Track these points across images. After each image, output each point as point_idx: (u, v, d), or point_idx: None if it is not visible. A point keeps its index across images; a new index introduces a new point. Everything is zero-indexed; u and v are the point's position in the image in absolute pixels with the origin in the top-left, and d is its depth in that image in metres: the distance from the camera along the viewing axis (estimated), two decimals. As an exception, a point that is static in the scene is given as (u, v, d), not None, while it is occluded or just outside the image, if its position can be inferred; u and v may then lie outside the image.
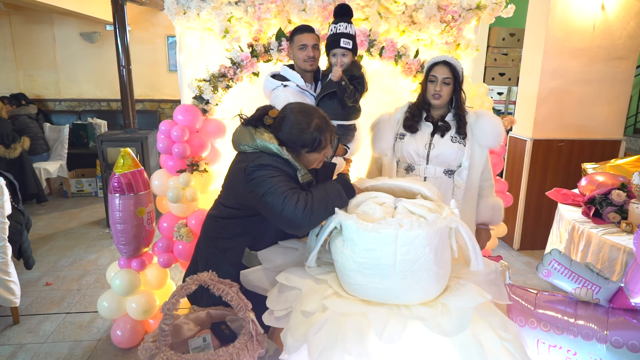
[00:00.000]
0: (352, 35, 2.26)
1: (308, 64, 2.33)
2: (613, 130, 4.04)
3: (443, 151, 2.08)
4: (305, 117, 1.71)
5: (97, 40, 6.60)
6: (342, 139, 2.40)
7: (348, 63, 2.27)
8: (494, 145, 2.13)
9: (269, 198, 1.56)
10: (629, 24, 3.76)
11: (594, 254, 2.43)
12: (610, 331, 1.36)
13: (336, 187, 1.61)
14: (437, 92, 2.06)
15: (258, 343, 1.51)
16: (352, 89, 2.25)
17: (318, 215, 1.51)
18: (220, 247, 1.79)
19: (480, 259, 1.43)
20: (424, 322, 1.27)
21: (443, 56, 2.14)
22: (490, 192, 2.23)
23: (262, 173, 1.61)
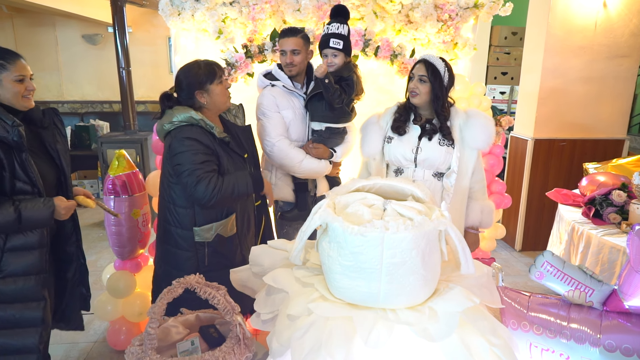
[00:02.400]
0: (343, 35, 2.23)
1: (287, 69, 2.34)
2: (616, 129, 3.98)
3: (431, 155, 2.02)
4: (189, 63, 2.02)
5: (99, 42, 6.63)
6: (329, 142, 2.40)
7: (339, 64, 2.25)
8: (484, 147, 2.06)
9: (185, 178, 1.86)
10: (632, 21, 3.71)
11: (593, 256, 2.39)
12: (603, 335, 1.33)
13: (246, 179, 1.97)
14: (412, 90, 2.02)
15: (245, 346, 1.49)
16: (337, 88, 2.22)
17: (223, 199, 1.89)
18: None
19: (470, 262, 1.40)
20: (410, 327, 1.25)
21: (425, 55, 2.09)
22: (481, 195, 2.15)
23: (183, 149, 1.88)
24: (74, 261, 2.07)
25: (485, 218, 2.14)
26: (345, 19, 2.30)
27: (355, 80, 2.28)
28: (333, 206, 1.48)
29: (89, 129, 6.18)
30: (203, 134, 1.92)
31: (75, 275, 2.07)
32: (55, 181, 1.91)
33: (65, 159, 1.94)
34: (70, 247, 2.04)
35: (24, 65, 1.78)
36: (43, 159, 1.87)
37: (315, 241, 1.52)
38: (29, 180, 1.72)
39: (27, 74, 1.78)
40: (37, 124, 1.89)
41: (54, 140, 1.92)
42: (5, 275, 1.72)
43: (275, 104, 2.37)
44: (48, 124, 1.92)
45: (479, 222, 2.14)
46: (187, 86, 1.99)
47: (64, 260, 2.05)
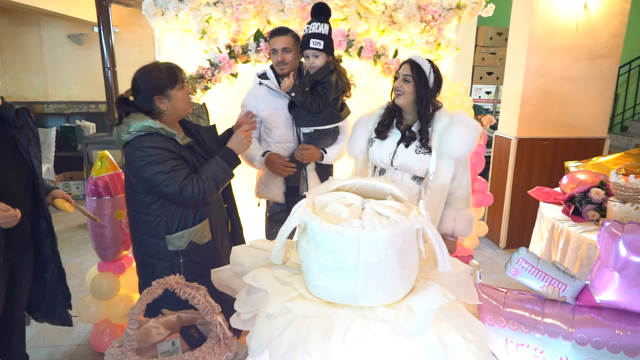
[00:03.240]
0: (324, 35, 2.20)
1: (279, 68, 2.31)
2: (597, 128, 4.05)
3: (406, 161, 2.01)
4: (148, 65, 1.88)
5: (85, 42, 6.58)
6: (319, 143, 2.37)
7: (321, 64, 2.23)
8: (461, 157, 1.99)
9: (166, 189, 1.78)
10: (612, 22, 3.78)
11: (572, 252, 2.43)
12: (575, 329, 1.36)
13: (221, 165, 1.89)
14: (397, 89, 1.99)
15: (226, 346, 1.50)
16: (307, 98, 2.19)
17: (211, 194, 1.85)
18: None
19: (447, 260, 1.42)
20: (387, 324, 1.26)
21: (412, 55, 2.09)
22: (459, 203, 2.06)
23: (148, 160, 1.77)
24: (50, 262, 2.06)
25: (459, 226, 2.05)
26: (326, 17, 2.26)
27: (333, 81, 2.23)
28: (312, 205, 1.49)
29: (74, 130, 6.13)
30: (166, 140, 1.82)
31: (53, 275, 2.07)
32: (26, 183, 1.89)
33: (37, 159, 1.93)
34: (45, 248, 2.03)
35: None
36: (13, 159, 1.85)
37: (296, 240, 1.54)
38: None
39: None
40: (10, 123, 1.87)
41: (26, 141, 1.90)
42: None
43: (255, 107, 2.37)
44: (21, 124, 1.90)
45: (452, 230, 2.06)
46: (145, 90, 1.84)
47: (40, 261, 2.04)
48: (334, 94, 2.27)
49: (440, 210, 2.06)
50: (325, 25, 2.22)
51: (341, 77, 2.30)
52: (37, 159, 1.93)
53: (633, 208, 2.34)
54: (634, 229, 1.31)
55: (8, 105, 1.89)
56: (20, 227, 1.81)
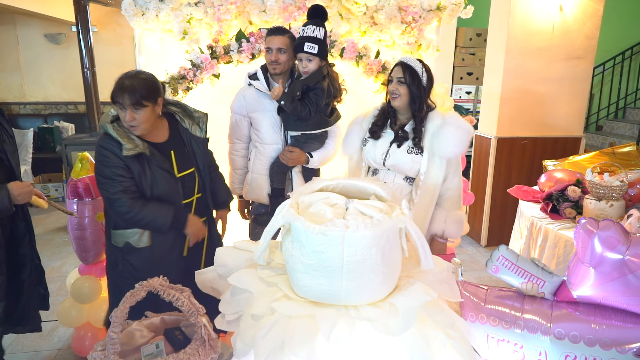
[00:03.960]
0: (318, 39, 2.17)
1: (272, 67, 2.28)
2: (573, 128, 4.15)
3: (398, 162, 2.04)
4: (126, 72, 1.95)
5: (63, 41, 6.45)
6: (305, 147, 2.35)
7: (314, 69, 2.20)
8: (452, 157, 2.02)
9: (101, 192, 1.86)
10: (586, 24, 3.88)
11: (550, 249, 2.49)
12: (553, 324, 1.40)
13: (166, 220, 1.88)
14: (393, 92, 2.02)
15: (211, 348, 1.50)
16: (297, 106, 2.18)
17: (138, 225, 1.88)
18: None
19: (430, 258, 1.45)
20: (371, 323, 1.28)
21: (403, 58, 2.11)
22: (450, 204, 2.09)
23: (97, 158, 1.86)
24: (28, 262, 2.03)
25: (449, 228, 2.07)
26: (322, 20, 2.23)
27: (324, 87, 2.20)
28: (296, 206, 1.50)
29: (52, 131, 6.01)
30: (114, 146, 1.83)
31: (31, 275, 2.04)
32: (5, 182, 1.86)
33: (14, 159, 1.91)
34: (23, 248, 2.01)
35: None
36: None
37: (280, 241, 1.54)
38: None
39: None
40: None
41: (0, 140, 1.88)
42: None
43: (244, 107, 2.36)
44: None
45: (442, 231, 2.09)
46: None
47: (18, 261, 2.01)
48: (325, 99, 2.24)
49: (431, 211, 2.08)
50: (321, 29, 2.18)
51: (333, 82, 2.27)
52: (14, 158, 1.91)
53: (608, 205, 2.41)
54: (608, 226, 1.36)
55: None
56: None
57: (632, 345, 1.30)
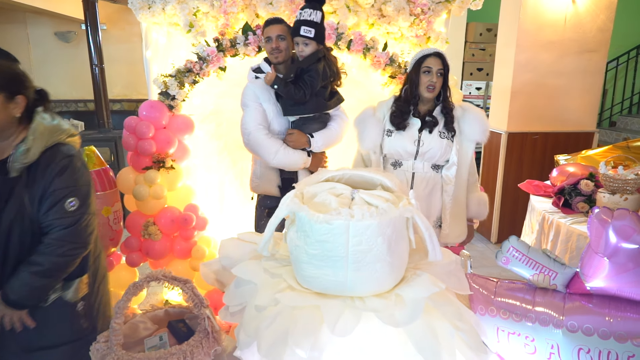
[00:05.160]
0: (315, 22, 2.15)
1: (273, 56, 2.27)
2: (586, 123, 4.07)
3: (432, 147, 2.08)
4: None
5: (73, 39, 6.50)
6: (304, 129, 2.30)
7: (310, 53, 2.18)
8: (482, 140, 2.14)
9: None
10: (599, 17, 3.80)
11: (562, 244, 2.44)
12: (566, 316, 1.36)
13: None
14: (432, 84, 2.05)
15: (214, 340, 1.48)
16: (290, 89, 2.15)
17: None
18: None
19: (438, 250, 1.41)
20: (376, 314, 1.25)
21: (432, 48, 2.14)
22: (476, 187, 2.24)
23: None
24: None
25: (482, 209, 2.23)
26: (319, 4, 2.20)
27: (319, 69, 2.18)
28: (301, 196, 1.47)
29: (62, 129, 6.05)
30: None
31: None
32: None
33: None
34: None
35: None
36: None
37: (284, 232, 1.52)
38: None
39: None
40: None
41: None
42: None
43: (256, 95, 2.33)
44: None
45: (476, 213, 2.22)
46: None
47: None
48: (321, 82, 2.21)
49: (466, 196, 2.18)
50: (318, 13, 2.16)
51: (330, 65, 2.25)
52: None
53: (622, 199, 2.35)
54: (623, 215, 1.31)
55: None
56: None
57: (648, 338, 1.25)
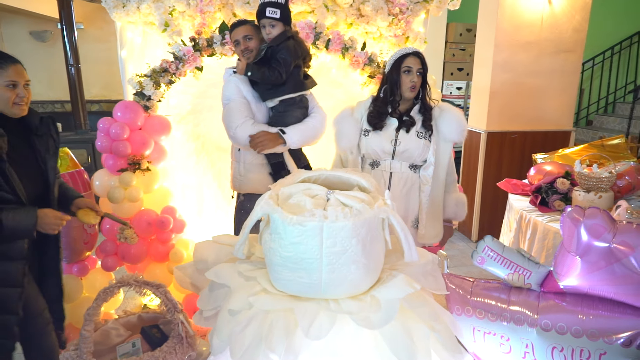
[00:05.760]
0: (280, 3, 2.13)
1: (245, 57, 2.24)
2: (563, 121, 4.14)
3: (409, 147, 2.07)
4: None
5: (49, 39, 6.35)
6: (287, 117, 2.25)
7: (277, 34, 2.15)
8: (459, 140, 2.14)
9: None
10: (575, 17, 3.86)
11: (539, 242, 2.46)
12: (540, 315, 1.37)
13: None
14: (413, 84, 2.05)
15: (188, 345, 1.45)
16: (264, 71, 2.12)
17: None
18: None
19: (413, 250, 1.41)
20: (351, 316, 1.24)
21: (411, 48, 2.14)
22: (454, 187, 2.23)
23: None
24: (50, 277, 1.92)
25: (460, 210, 2.21)
26: None
27: (290, 46, 2.14)
28: (276, 197, 1.45)
29: (38, 130, 5.91)
30: None
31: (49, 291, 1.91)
32: (39, 193, 1.81)
33: (52, 170, 1.85)
34: (49, 261, 1.91)
35: (18, 70, 1.70)
36: (29, 168, 1.79)
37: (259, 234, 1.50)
38: (10, 190, 1.64)
39: (20, 80, 1.70)
40: (32, 130, 1.81)
41: (45, 149, 1.83)
42: None
43: (239, 89, 2.28)
44: (43, 132, 1.84)
45: (454, 214, 2.21)
46: None
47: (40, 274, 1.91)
48: (293, 60, 2.17)
49: (442, 198, 2.17)
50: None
51: (299, 44, 2.23)
52: (52, 169, 1.86)
53: (596, 197, 2.39)
54: (595, 214, 1.32)
55: (33, 112, 1.84)
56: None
57: (619, 335, 1.27)
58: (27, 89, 1.74)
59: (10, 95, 1.67)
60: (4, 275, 1.67)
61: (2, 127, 1.68)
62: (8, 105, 1.68)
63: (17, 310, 1.68)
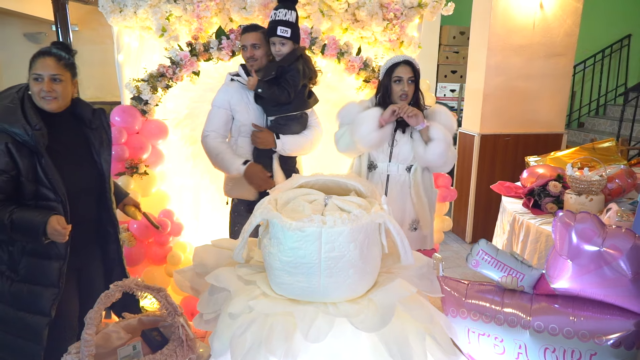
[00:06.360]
0: (291, 22, 2.18)
1: (249, 64, 2.29)
2: (555, 124, 4.20)
3: (405, 148, 2.13)
4: None
5: (43, 41, 6.33)
6: (285, 129, 2.30)
7: (287, 52, 2.20)
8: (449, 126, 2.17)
9: None
10: (566, 22, 3.92)
11: (532, 244, 2.51)
12: (533, 317, 1.40)
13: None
14: (404, 93, 2.09)
15: (189, 348, 1.47)
16: (274, 91, 2.17)
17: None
18: None
19: (409, 254, 1.44)
20: (349, 319, 1.27)
21: (402, 56, 2.18)
22: None
23: None
24: (115, 267, 1.98)
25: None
26: (293, 3, 2.23)
27: (301, 68, 2.21)
28: (275, 203, 1.48)
29: (32, 132, 5.89)
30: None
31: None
32: (94, 185, 1.84)
33: (106, 163, 1.87)
34: (112, 254, 1.97)
35: (44, 63, 1.66)
36: (83, 160, 1.81)
37: (258, 238, 1.52)
38: (50, 185, 1.64)
39: (45, 73, 1.65)
40: (86, 123, 1.83)
41: (99, 142, 1.85)
42: (20, 279, 1.67)
43: (227, 101, 2.32)
44: (97, 125, 1.86)
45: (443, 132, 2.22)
46: None
47: (107, 267, 1.98)
48: (301, 80, 2.24)
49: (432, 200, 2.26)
50: (293, 13, 2.20)
51: (308, 64, 2.28)
52: (106, 162, 1.87)
53: (587, 200, 2.44)
54: (585, 219, 1.36)
55: (85, 104, 1.85)
56: (83, 233, 1.77)
57: (609, 336, 1.31)
58: (57, 84, 1.66)
59: (36, 89, 1.66)
60: (39, 272, 1.67)
61: (52, 121, 1.69)
62: (37, 98, 1.67)
63: (49, 312, 1.68)
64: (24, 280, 1.67)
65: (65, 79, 1.69)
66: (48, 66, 1.66)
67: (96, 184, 1.84)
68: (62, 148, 1.72)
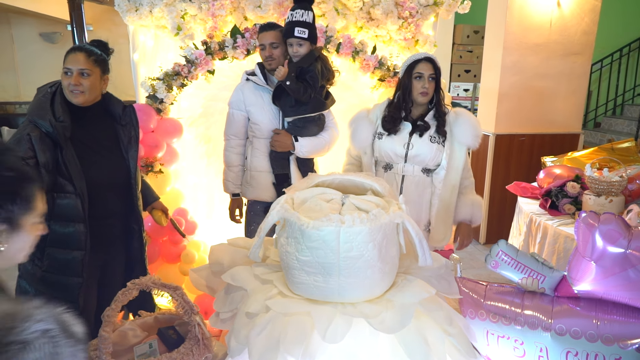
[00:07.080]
0: (308, 23, 2.16)
1: (267, 63, 2.28)
2: (572, 124, 4.13)
3: (421, 151, 2.08)
4: None
5: (58, 40, 6.42)
6: (303, 132, 2.30)
7: (305, 53, 2.18)
8: (473, 145, 2.11)
9: None
10: (584, 20, 3.86)
11: (550, 245, 2.47)
12: (554, 319, 1.38)
13: None
14: (424, 90, 2.05)
15: (205, 347, 1.47)
16: (301, 86, 2.16)
17: None
18: None
19: (427, 255, 1.42)
20: (367, 320, 1.25)
21: (423, 53, 2.14)
22: (470, 190, 2.21)
23: None
24: (137, 264, 2.02)
25: (476, 212, 2.18)
26: (309, 4, 2.21)
27: (319, 69, 2.20)
28: (291, 202, 1.47)
29: (48, 131, 5.96)
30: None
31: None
32: (121, 181, 1.86)
33: (133, 159, 1.89)
34: (135, 251, 2.00)
35: (74, 58, 1.71)
36: (112, 155, 1.83)
37: (275, 237, 1.51)
38: (69, 178, 1.66)
39: (74, 67, 1.70)
40: (116, 119, 1.86)
41: (128, 138, 1.87)
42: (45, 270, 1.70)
43: (242, 101, 2.32)
44: (126, 121, 1.88)
45: (470, 215, 2.17)
46: None
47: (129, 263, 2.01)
48: (320, 81, 2.22)
49: (454, 200, 2.15)
50: (310, 13, 2.18)
51: (326, 64, 2.26)
52: (133, 158, 1.90)
53: (607, 201, 2.39)
54: (610, 220, 1.33)
55: (117, 100, 1.88)
56: (108, 227, 1.81)
57: (634, 340, 1.27)
58: (85, 78, 1.70)
59: (66, 83, 1.70)
60: (63, 263, 1.69)
61: (83, 115, 1.72)
62: (67, 92, 1.71)
63: (77, 299, 1.71)
64: (48, 270, 1.70)
65: (94, 74, 1.73)
66: (78, 61, 1.70)
67: (123, 180, 1.86)
68: (91, 142, 1.76)
